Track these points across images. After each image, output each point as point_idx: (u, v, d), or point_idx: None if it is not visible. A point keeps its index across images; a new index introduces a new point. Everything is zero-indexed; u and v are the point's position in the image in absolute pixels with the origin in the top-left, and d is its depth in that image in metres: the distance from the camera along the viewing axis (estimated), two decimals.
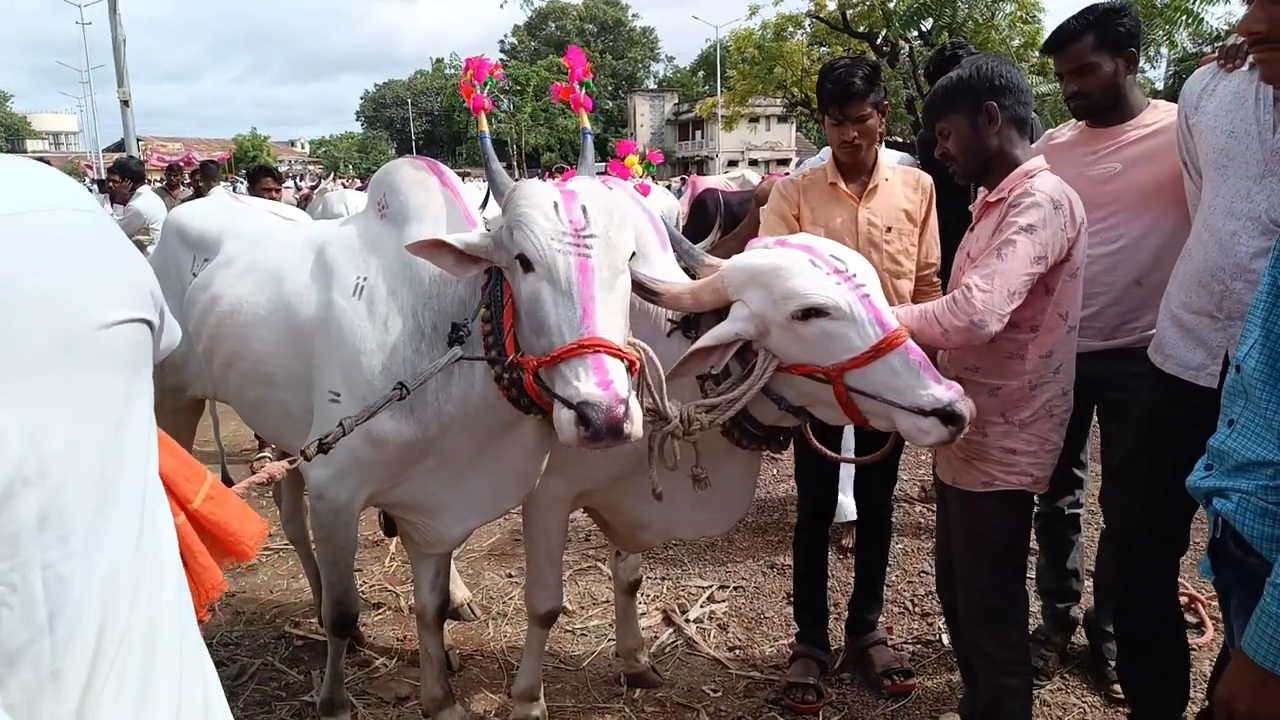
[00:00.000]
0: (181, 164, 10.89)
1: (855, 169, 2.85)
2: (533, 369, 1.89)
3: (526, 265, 1.90)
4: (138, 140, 15.98)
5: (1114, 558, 2.79)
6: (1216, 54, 2.32)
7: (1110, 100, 2.65)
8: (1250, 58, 2.12)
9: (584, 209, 1.90)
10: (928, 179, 2.90)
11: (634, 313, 2.32)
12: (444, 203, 2.34)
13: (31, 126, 67.92)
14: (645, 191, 2.71)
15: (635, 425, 1.76)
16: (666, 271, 2.27)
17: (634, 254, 1.98)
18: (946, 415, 1.88)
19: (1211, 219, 2.18)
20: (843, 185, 2.83)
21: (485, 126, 2.31)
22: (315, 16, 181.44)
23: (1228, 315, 2.12)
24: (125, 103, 14.39)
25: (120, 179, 8.48)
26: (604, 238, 1.89)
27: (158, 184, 9.57)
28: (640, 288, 2.14)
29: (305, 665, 3.31)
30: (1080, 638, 3.23)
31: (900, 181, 2.87)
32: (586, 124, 2.41)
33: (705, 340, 2.04)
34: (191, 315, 2.76)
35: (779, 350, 2.03)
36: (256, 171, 7.55)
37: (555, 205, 1.89)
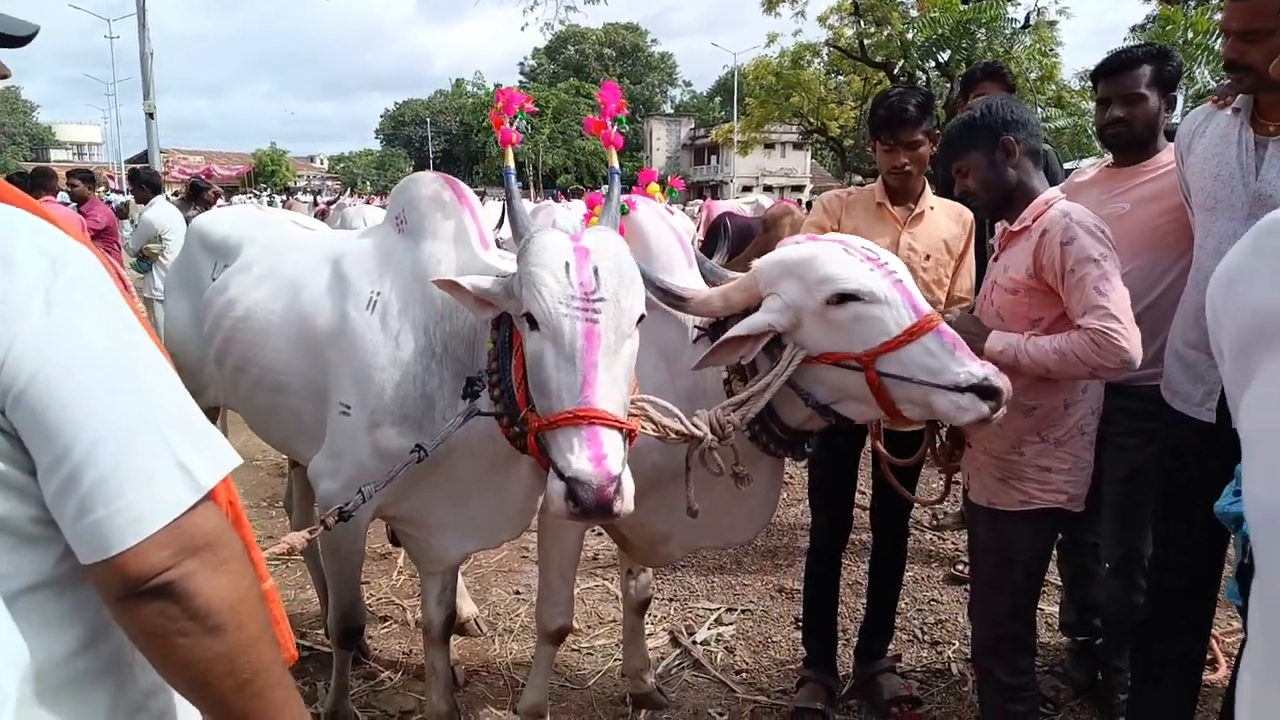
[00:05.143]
0: (203, 175, 11.13)
1: (903, 194, 2.89)
2: (533, 431, 1.89)
3: (533, 324, 1.88)
4: (160, 152, 16.21)
5: (1120, 591, 2.79)
6: (1216, 96, 2.37)
7: (1148, 136, 2.68)
8: (1238, 99, 2.22)
9: (595, 270, 1.87)
10: (969, 214, 2.92)
11: (662, 321, 2.32)
12: (460, 222, 2.34)
13: (56, 137, 68.78)
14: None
15: (625, 502, 1.74)
16: (693, 285, 2.28)
17: (642, 316, 1.95)
18: (984, 390, 1.86)
19: (1203, 259, 2.25)
20: (889, 207, 2.87)
21: (511, 161, 2.27)
22: (350, 37, 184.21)
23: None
24: (150, 115, 14.63)
25: (139, 187, 8.67)
26: (613, 301, 1.85)
27: (175, 196, 9.74)
28: (668, 294, 2.15)
29: (311, 676, 3.29)
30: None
31: (944, 214, 2.91)
32: (615, 162, 2.34)
33: (737, 330, 2.03)
34: (207, 319, 2.78)
35: (811, 341, 2.02)
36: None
37: (566, 266, 1.86)
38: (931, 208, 2.89)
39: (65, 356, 0.85)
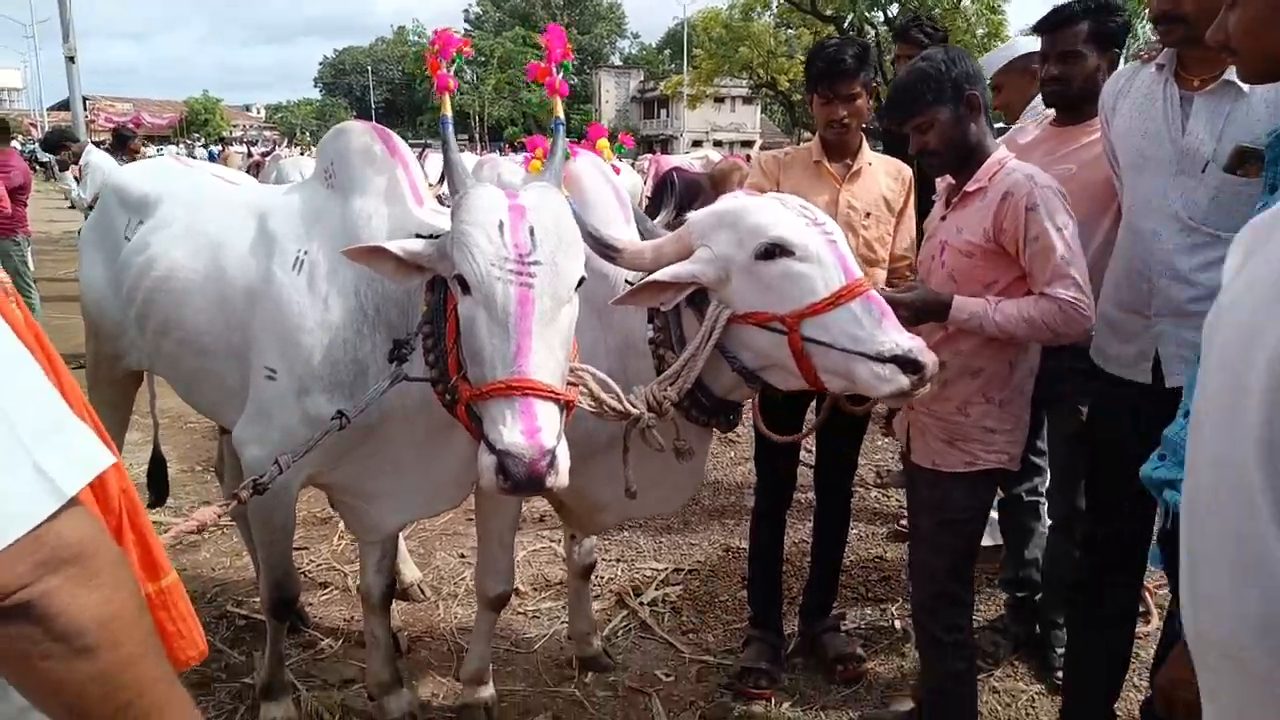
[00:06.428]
0: (132, 125, 10.65)
1: (841, 150, 2.82)
2: (464, 400, 1.81)
3: (465, 287, 1.79)
4: (84, 99, 15.46)
5: (1060, 547, 2.84)
6: (1143, 53, 2.32)
7: (1085, 95, 2.62)
8: (1162, 55, 2.18)
9: (531, 231, 1.77)
10: (908, 171, 2.88)
11: (593, 276, 2.24)
12: (393, 177, 2.23)
13: None
14: (615, 171, 2.63)
15: (560, 476, 1.69)
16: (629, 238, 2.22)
17: (582, 279, 1.87)
18: (906, 362, 1.83)
19: (1133, 218, 2.23)
20: (827, 164, 2.80)
21: (449, 110, 2.13)
22: None
23: (1155, 313, 2.15)
24: (71, 59, 13.90)
25: (63, 146, 8.27)
26: (549, 264, 1.76)
27: (100, 145, 9.34)
28: (601, 244, 2.09)
29: (247, 646, 3.21)
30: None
31: (882, 170, 2.85)
32: (560, 112, 2.21)
33: (662, 275, 1.99)
34: (125, 280, 2.62)
35: (737, 298, 1.98)
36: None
37: (500, 225, 1.76)
38: (869, 164, 2.83)
39: None
